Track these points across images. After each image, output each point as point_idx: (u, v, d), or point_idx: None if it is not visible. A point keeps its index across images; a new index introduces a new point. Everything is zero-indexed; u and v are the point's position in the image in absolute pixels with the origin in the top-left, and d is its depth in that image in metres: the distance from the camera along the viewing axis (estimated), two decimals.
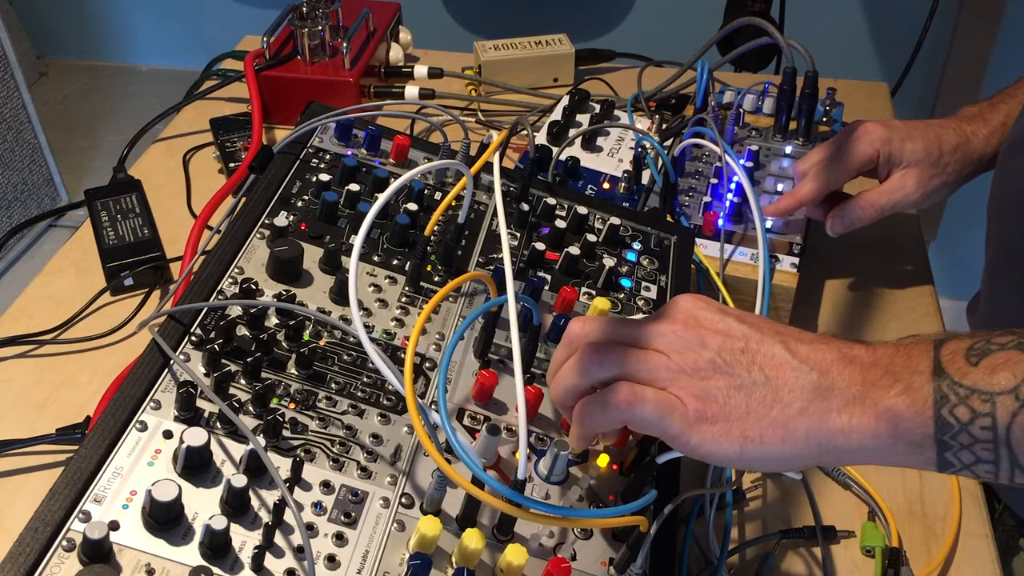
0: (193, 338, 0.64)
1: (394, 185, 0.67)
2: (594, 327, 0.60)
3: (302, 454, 0.59)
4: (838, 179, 0.90)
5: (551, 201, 0.84)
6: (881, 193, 0.90)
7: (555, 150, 0.96)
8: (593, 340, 0.60)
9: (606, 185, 0.98)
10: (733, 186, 0.93)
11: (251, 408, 0.61)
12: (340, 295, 0.70)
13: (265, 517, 0.56)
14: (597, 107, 1.10)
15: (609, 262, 0.78)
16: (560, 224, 0.80)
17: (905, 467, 0.55)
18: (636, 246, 0.83)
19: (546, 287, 0.76)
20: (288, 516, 0.55)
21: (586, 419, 0.58)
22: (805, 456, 0.54)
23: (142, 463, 0.56)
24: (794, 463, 0.55)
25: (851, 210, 0.90)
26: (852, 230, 0.91)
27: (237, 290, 0.68)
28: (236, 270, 0.70)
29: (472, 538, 0.55)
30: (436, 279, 0.74)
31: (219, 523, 0.52)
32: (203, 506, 0.55)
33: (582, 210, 0.83)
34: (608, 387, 0.57)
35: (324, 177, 0.78)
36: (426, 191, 0.81)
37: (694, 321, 0.57)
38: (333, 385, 0.64)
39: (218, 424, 0.60)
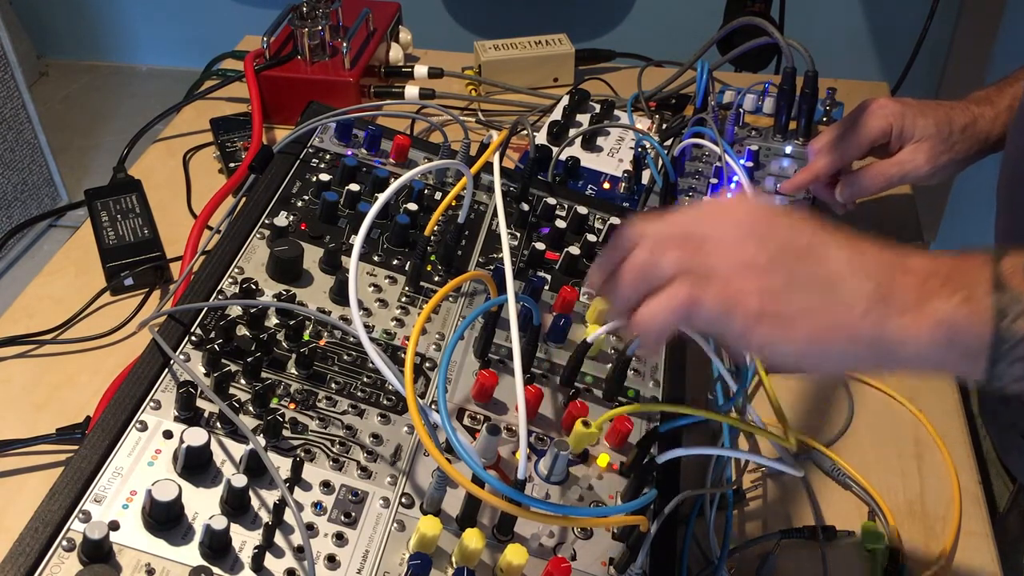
0: (193, 338, 0.64)
1: (394, 185, 0.67)
2: (649, 226, 0.57)
3: (302, 454, 0.59)
4: (852, 153, 0.92)
5: (551, 201, 0.84)
6: (892, 164, 0.91)
7: (555, 150, 0.96)
8: (649, 237, 0.56)
9: (606, 185, 0.98)
10: (733, 186, 0.93)
11: (251, 408, 0.61)
12: (340, 295, 0.70)
13: (265, 517, 0.56)
14: (597, 107, 1.10)
15: None
16: (560, 224, 0.80)
17: (954, 375, 0.55)
18: None
19: (546, 287, 0.76)
20: (288, 516, 0.55)
21: (648, 323, 0.55)
22: (863, 359, 0.54)
23: (142, 463, 0.56)
24: (851, 365, 0.55)
25: (860, 178, 0.91)
26: (860, 199, 0.92)
27: (237, 290, 0.68)
28: (236, 270, 0.70)
29: (472, 538, 0.55)
30: (436, 279, 0.74)
31: (219, 523, 0.52)
32: (203, 506, 0.55)
33: (582, 210, 0.83)
34: (668, 287, 0.54)
35: (324, 177, 0.78)
36: (426, 191, 0.81)
37: (758, 216, 0.56)
38: (333, 385, 0.64)
39: (218, 424, 0.60)
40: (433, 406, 0.64)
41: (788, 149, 1.01)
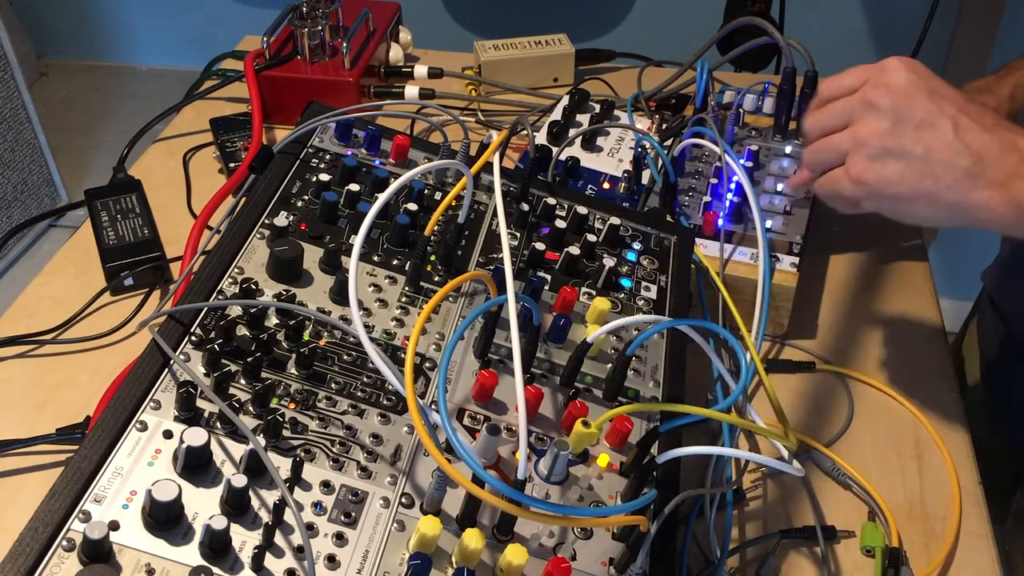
0: (193, 338, 0.64)
1: (394, 185, 0.68)
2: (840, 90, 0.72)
3: (302, 454, 0.59)
4: None
5: (551, 201, 0.84)
6: None
7: (555, 150, 0.96)
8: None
9: (606, 185, 0.98)
10: (733, 186, 0.93)
11: (251, 408, 0.61)
12: (340, 295, 0.70)
13: (265, 517, 0.56)
14: (597, 107, 1.10)
15: (609, 262, 0.78)
16: (560, 224, 0.80)
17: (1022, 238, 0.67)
18: (636, 246, 0.83)
19: (546, 287, 0.76)
20: (288, 516, 0.55)
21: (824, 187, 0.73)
22: (947, 221, 0.68)
23: (142, 463, 0.56)
24: (934, 220, 0.68)
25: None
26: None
27: (237, 290, 0.68)
28: (236, 270, 0.70)
29: (472, 538, 0.55)
30: (436, 279, 0.74)
31: (219, 523, 0.52)
32: (203, 506, 0.55)
33: (582, 210, 0.83)
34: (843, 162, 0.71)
35: (324, 177, 0.78)
36: (426, 191, 0.81)
37: (894, 91, 0.68)
38: (333, 385, 0.64)
39: (218, 424, 0.60)
40: (433, 406, 0.64)
41: (788, 149, 1.01)
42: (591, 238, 0.80)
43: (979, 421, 1.00)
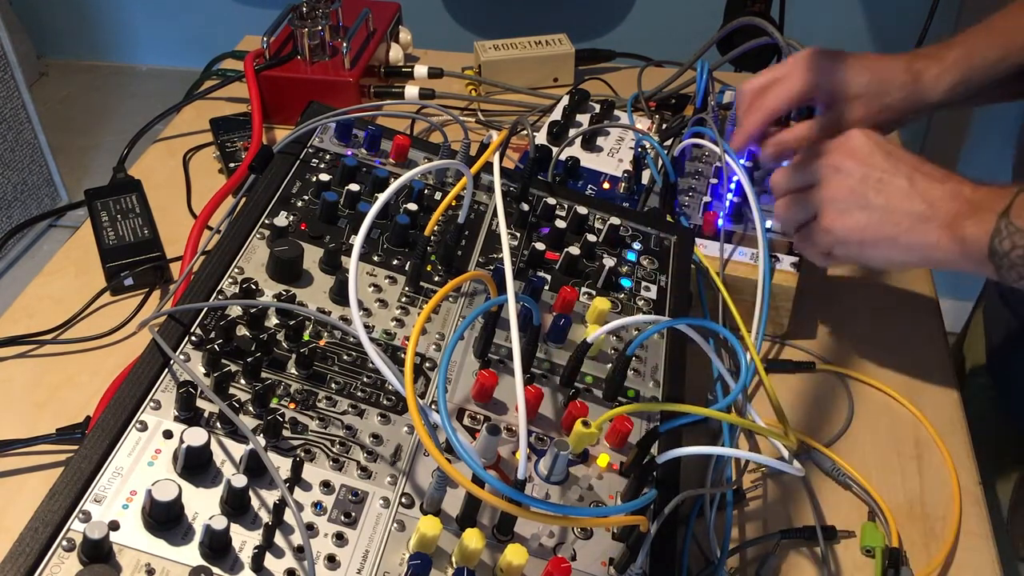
0: (193, 338, 0.64)
1: (394, 185, 0.68)
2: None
3: (302, 454, 0.59)
4: (777, 108, 0.88)
5: (551, 201, 0.84)
6: (822, 126, 0.88)
7: (555, 150, 0.96)
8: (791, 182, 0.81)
9: (606, 185, 0.98)
10: (733, 186, 0.93)
11: (251, 408, 0.61)
12: (340, 295, 0.70)
13: (265, 517, 0.56)
14: (597, 107, 1.10)
15: (609, 262, 0.78)
16: (560, 224, 0.80)
17: (977, 275, 0.74)
18: (636, 246, 0.83)
19: (546, 287, 0.76)
20: (288, 516, 0.55)
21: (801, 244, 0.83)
22: (908, 262, 0.77)
23: (142, 463, 0.56)
24: (900, 262, 0.77)
25: (785, 138, 0.89)
26: (787, 159, 0.89)
27: (237, 290, 0.68)
28: (236, 270, 0.70)
29: (472, 538, 0.55)
30: (436, 279, 0.74)
31: (219, 523, 0.52)
32: (203, 506, 0.55)
33: (582, 210, 0.83)
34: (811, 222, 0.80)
35: (324, 177, 0.78)
36: (426, 191, 0.81)
37: (862, 153, 0.77)
38: (333, 385, 0.64)
39: (218, 424, 0.60)
40: (433, 406, 0.64)
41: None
42: (591, 238, 0.80)
43: (986, 410, 1.00)
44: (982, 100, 0.91)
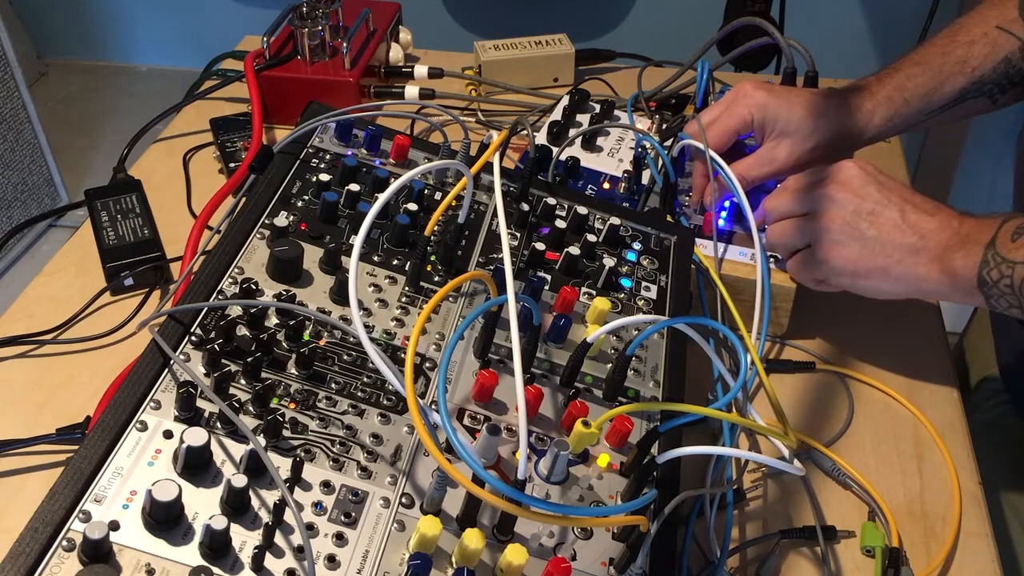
0: (193, 338, 0.64)
1: (394, 185, 0.68)
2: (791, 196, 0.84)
3: (302, 454, 0.59)
4: (719, 141, 0.90)
5: (551, 201, 0.84)
6: (750, 165, 0.90)
7: (555, 150, 0.96)
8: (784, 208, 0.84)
9: (606, 185, 0.98)
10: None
11: (251, 408, 0.61)
12: (340, 295, 0.70)
13: (265, 517, 0.56)
14: (597, 107, 1.10)
15: (609, 262, 0.78)
16: (560, 224, 0.80)
17: (968, 304, 0.76)
18: (636, 246, 0.83)
19: (546, 287, 0.76)
20: (288, 516, 0.55)
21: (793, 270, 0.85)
22: (900, 293, 0.79)
23: (142, 463, 0.56)
24: (891, 293, 0.79)
25: (720, 183, 0.90)
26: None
27: (237, 290, 0.68)
28: (236, 270, 0.70)
29: (472, 538, 0.55)
30: (436, 279, 0.74)
31: (219, 523, 0.52)
32: (203, 506, 0.55)
33: (582, 210, 0.83)
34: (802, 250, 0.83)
35: (324, 177, 0.78)
36: (426, 191, 0.81)
37: (849, 186, 0.79)
38: (333, 385, 0.64)
39: (218, 424, 0.60)
40: (433, 406, 0.64)
41: None
42: (591, 238, 0.80)
43: (999, 415, 1.00)
44: (920, 127, 0.93)
